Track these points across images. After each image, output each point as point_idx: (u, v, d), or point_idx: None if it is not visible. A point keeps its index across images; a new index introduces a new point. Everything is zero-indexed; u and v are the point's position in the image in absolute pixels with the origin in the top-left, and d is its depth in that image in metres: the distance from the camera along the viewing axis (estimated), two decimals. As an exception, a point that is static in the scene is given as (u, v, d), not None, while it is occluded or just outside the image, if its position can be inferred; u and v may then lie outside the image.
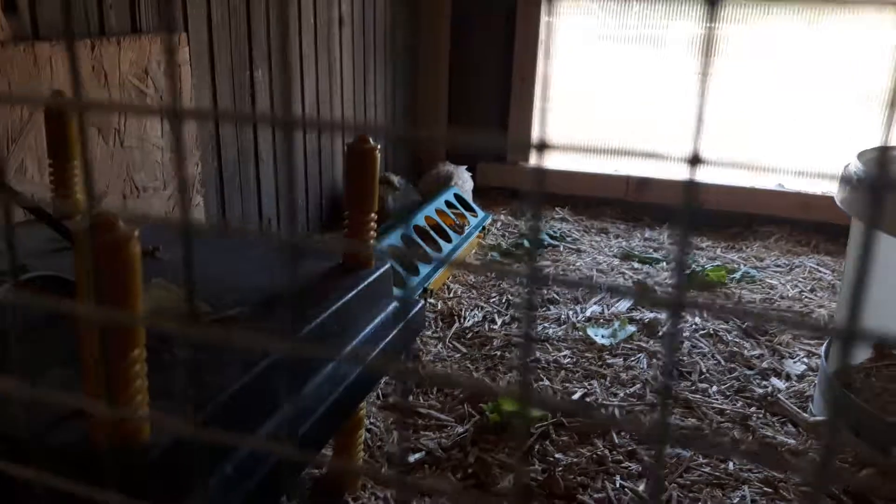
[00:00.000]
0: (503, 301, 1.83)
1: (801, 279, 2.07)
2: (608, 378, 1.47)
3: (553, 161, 2.77)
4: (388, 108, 2.58)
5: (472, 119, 2.77)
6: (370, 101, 2.45)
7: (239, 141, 1.76)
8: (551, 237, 2.32)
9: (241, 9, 1.71)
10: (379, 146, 0.97)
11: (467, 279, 1.95)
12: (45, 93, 1.16)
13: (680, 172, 0.25)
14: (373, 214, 1.01)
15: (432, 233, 1.93)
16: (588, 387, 1.43)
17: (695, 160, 0.24)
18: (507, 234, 2.38)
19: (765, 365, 1.56)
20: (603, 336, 1.63)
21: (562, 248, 2.25)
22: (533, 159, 2.78)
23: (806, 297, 1.95)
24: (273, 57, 1.85)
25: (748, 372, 1.53)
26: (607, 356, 1.56)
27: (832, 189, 2.49)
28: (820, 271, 2.13)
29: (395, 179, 2.32)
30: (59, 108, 1.07)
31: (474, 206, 2.29)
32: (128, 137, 1.36)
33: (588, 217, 2.58)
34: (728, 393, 1.45)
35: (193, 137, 1.54)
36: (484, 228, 2.27)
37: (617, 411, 1.36)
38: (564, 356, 1.55)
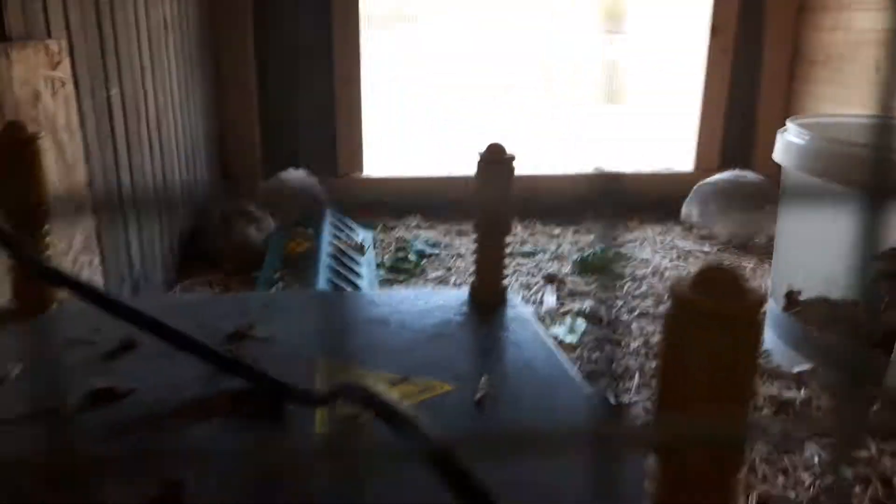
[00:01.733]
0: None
1: (658, 250, 2.26)
2: (631, 377, 1.44)
3: (377, 169, 2.66)
4: (210, 117, 2.24)
5: (293, 130, 2.53)
6: (197, 112, 2.10)
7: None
8: (430, 245, 2.22)
9: (91, 11, 1.32)
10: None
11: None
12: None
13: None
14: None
15: (345, 259, 1.71)
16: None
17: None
18: (378, 248, 2.21)
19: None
20: (565, 335, 1.60)
21: (443, 255, 2.17)
22: (367, 170, 2.64)
23: (681, 266, 2.12)
24: (123, 72, 1.47)
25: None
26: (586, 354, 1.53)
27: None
28: (666, 240, 2.35)
29: (254, 208, 2.01)
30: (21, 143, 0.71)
31: (348, 221, 2.10)
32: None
33: (439, 221, 2.51)
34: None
35: (85, 180, 1.15)
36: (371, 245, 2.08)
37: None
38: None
